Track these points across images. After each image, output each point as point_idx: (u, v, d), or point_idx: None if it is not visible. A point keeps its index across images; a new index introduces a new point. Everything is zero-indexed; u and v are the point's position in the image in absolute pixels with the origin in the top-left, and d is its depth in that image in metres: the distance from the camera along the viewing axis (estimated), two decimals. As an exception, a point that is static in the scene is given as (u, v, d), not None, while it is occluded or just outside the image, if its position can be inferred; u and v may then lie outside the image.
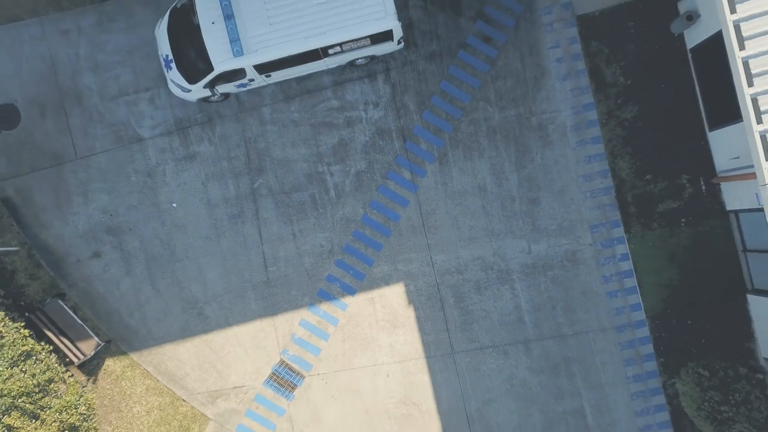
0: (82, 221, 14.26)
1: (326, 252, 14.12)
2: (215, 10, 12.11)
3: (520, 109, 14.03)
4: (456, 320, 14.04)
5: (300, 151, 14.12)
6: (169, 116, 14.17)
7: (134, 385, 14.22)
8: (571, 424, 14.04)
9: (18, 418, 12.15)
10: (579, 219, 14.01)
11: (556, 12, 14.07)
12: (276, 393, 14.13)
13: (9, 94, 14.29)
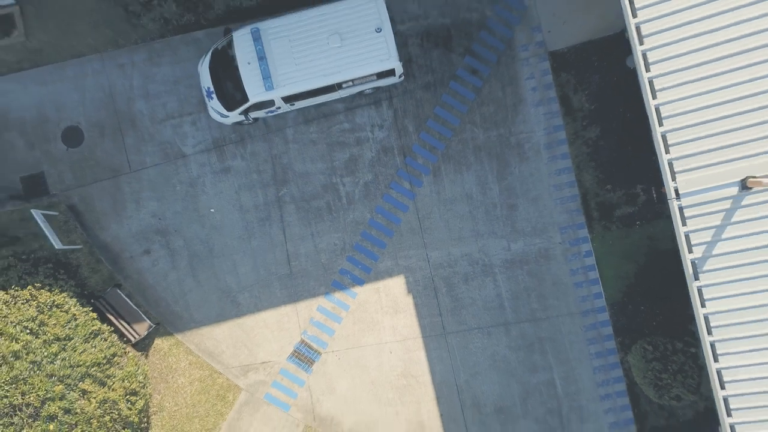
0: (134, 224, 17.23)
1: (339, 249, 17.06)
2: (251, 53, 15.05)
3: (501, 130, 16.95)
4: (447, 306, 16.98)
5: (317, 165, 17.06)
6: (208, 136, 17.12)
7: (179, 360, 17.19)
8: (543, 393, 16.96)
9: (90, 384, 15.13)
10: (550, 222, 16.92)
11: (531, 49, 16.97)
12: (297, 367, 17.09)
13: (74, 118, 17.27)
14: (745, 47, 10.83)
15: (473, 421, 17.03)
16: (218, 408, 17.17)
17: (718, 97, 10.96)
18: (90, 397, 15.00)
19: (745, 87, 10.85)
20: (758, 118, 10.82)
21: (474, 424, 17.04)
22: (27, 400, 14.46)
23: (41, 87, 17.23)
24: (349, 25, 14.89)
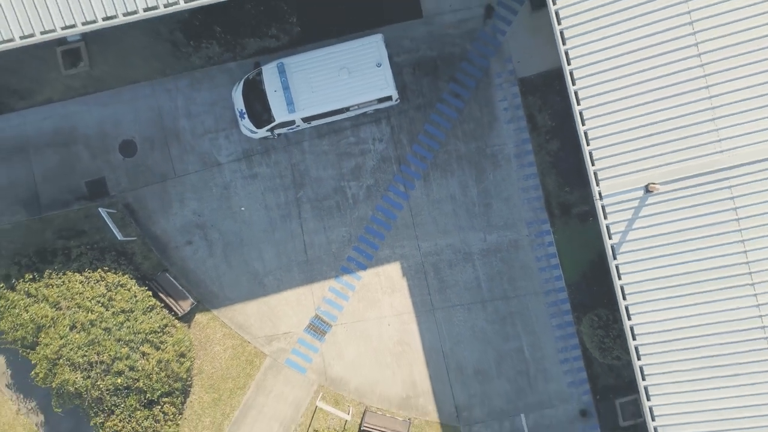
0: (179, 220, 21.33)
1: (346, 240, 21.14)
2: (277, 83, 19.15)
3: (479, 143, 21.02)
4: (435, 287, 21.04)
5: (328, 171, 21.14)
6: (239, 148, 21.21)
7: (215, 331, 21.28)
8: (514, 358, 21.01)
9: (148, 347, 19.23)
10: (519, 218, 20.98)
11: (504, 76, 21.04)
12: (312, 337, 21.18)
13: (129, 133, 21.37)
14: (649, 88, 14.88)
15: (456, 381, 21.10)
16: (247, 371, 21.26)
17: (628, 125, 15.02)
18: (148, 358, 19.10)
19: (648, 117, 14.91)
20: (657, 140, 14.86)
21: (457, 383, 21.11)
22: (101, 358, 18.59)
23: (102, 108, 21.32)
24: (355, 61, 18.99)
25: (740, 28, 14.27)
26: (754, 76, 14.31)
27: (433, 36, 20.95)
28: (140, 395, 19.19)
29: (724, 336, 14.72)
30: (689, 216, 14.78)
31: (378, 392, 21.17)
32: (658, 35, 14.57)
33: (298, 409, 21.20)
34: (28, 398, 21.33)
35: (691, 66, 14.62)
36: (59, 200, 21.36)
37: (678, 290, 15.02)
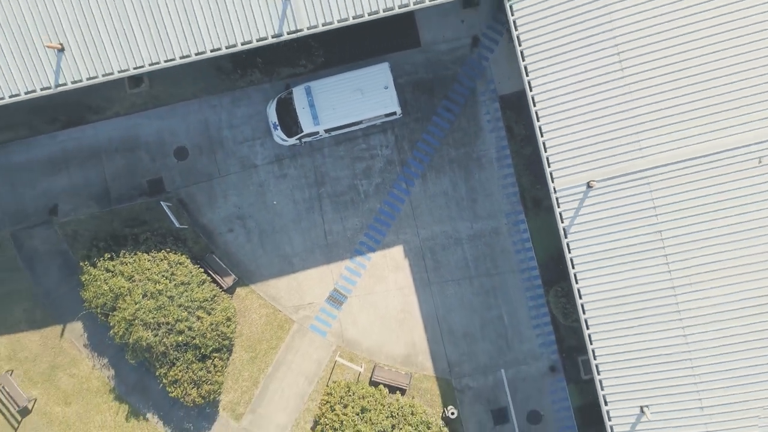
0: (222, 211, 26.58)
1: (359, 228, 26.38)
2: (305, 102, 24.41)
3: (467, 149, 26.24)
4: (431, 266, 26.27)
5: (344, 172, 26.38)
6: (272, 153, 26.47)
7: (252, 302, 26.53)
8: (495, 324, 26.23)
9: (202, 312, 24.49)
10: (499, 210, 26.19)
11: (487, 94, 26.25)
12: (331, 307, 26.42)
13: (181, 141, 26.63)
14: (589, 110, 20.07)
15: (448, 342, 26.33)
16: (278, 334, 26.53)
17: (575, 137, 20.22)
18: (202, 320, 24.36)
19: (589, 131, 20.11)
20: (595, 148, 20.07)
21: (449, 344, 26.33)
22: (166, 320, 23.86)
23: (160, 120, 26.61)
24: (367, 84, 24.25)
25: (657, 60, 19.44)
26: (668, 98, 19.49)
27: (429, 61, 26.19)
28: (196, 351, 24.45)
29: (644, 295, 19.91)
30: (619, 205, 19.99)
31: (385, 351, 26.44)
32: (593, 71, 19.76)
33: (320, 365, 26.48)
34: (101, 357, 26.65)
35: (619, 94, 19.82)
36: (125, 196, 26.65)
37: (611, 261, 20.23)
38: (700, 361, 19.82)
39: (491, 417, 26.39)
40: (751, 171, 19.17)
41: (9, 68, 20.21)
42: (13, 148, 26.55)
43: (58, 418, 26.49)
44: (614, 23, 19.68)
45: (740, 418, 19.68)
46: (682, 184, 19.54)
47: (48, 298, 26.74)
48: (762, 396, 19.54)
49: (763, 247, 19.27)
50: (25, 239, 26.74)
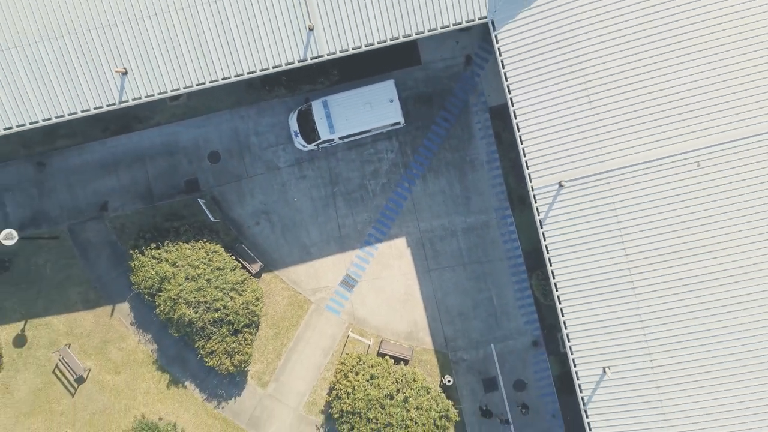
0: (250, 207, 31.10)
1: (368, 222, 30.87)
2: (322, 113, 28.93)
3: (462, 153, 30.72)
4: (430, 254, 30.76)
5: (355, 173, 30.87)
6: (293, 157, 30.97)
7: (275, 286, 31.05)
8: (486, 304, 30.70)
9: (234, 293, 28.99)
10: (490, 206, 30.67)
11: (478, 106, 30.73)
12: (344, 289, 30.93)
13: (214, 146, 31.14)
14: (559, 122, 24.51)
15: (445, 321, 30.81)
16: (299, 313, 31.03)
17: (549, 144, 24.67)
18: (235, 300, 28.88)
19: (560, 139, 24.56)
20: (565, 153, 24.53)
21: (446, 322, 30.81)
22: (204, 299, 28.37)
23: (196, 129, 31.11)
24: (375, 98, 28.75)
25: (615, 82, 23.89)
26: (623, 114, 23.95)
27: (428, 77, 30.67)
28: (229, 326, 28.97)
29: (606, 275, 24.39)
30: (585, 201, 24.44)
31: (390, 328, 30.95)
32: (563, 90, 24.23)
33: (334, 340, 31.00)
34: (145, 333, 31.18)
35: (584, 109, 24.28)
36: (166, 194, 31.17)
37: (579, 248, 24.68)
38: (650, 329, 24.26)
39: (482, 385, 30.89)
40: (692, 173, 23.64)
41: (82, 88, 24.74)
42: (70, 153, 31.10)
43: (109, 386, 31.05)
44: (581, 52, 24.14)
45: (685, 375, 24.14)
46: (635, 183, 24.01)
47: (99, 283, 31.29)
48: (703, 356, 23.99)
49: (700, 234, 23.70)
50: (79, 232, 31.29)
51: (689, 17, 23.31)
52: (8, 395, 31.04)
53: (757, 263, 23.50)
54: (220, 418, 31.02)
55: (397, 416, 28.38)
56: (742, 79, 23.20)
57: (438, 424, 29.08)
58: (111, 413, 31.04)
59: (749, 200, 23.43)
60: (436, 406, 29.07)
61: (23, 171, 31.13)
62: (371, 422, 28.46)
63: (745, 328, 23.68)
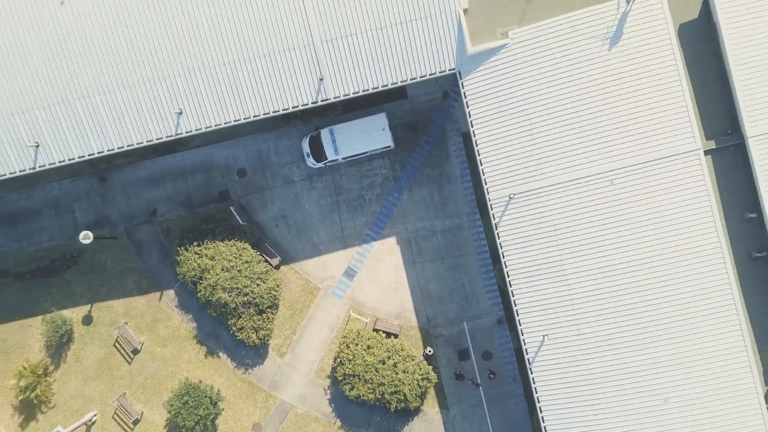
0: (270, 213, 39.59)
1: (365, 224, 39.35)
2: (329, 139, 37.47)
3: (440, 170, 39.18)
4: (415, 250, 39.26)
5: (355, 185, 39.35)
6: (305, 172, 39.47)
7: (291, 276, 39.54)
8: (459, 290, 39.16)
9: (260, 281, 37.48)
10: (462, 211, 39.12)
11: (454, 131, 39.20)
12: (346, 279, 39.41)
13: (242, 164, 39.64)
14: (506, 147, 32.92)
15: (427, 304, 39.27)
16: (310, 298, 39.51)
17: (502, 164, 33.09)
18: (260, 287, 37.33)
19: (507, 161, 32.97)
20: (513, 171, 32.92)
21: (427, 305, 39.27)
22: (236, 286, 36.85)
23: (227, 150, 39.59)
24: (370, 127, 37.27)
25: (550, 117, 32.30)
26: (556, 142, 32.33)
27: (413, 109, 39.08)
28: (255, 307, 37.41)
29: (544, 265, 32.77)
30: (528, 209, 32.83)
31: (383, 309, 39.39)
32: (513, 124, 32.64)
33: (338, 319, 39.44)
34: (187, 313, 39.64)
35: (527, 138, 32.66)
36: (203, 202, 39.63)
37: (523, 245, 33.05)
38: (577, 305, 32.63)
39: (457, 355, 39.30)
40: (607, 188, 32.05)
41: (148, 124, 33.21)
42: (126, 169, 39.60)
43: (158, 356, 39.53)
44: (525, 96, 32.56)
45: (603, 339, 32.49)
46: (565, 195, 32.40)
47: (150, 273, 39.76)
48: (615, 325, 32.36)
49: (614, 234, 32.08)
50: (134, 233, 39.78)
51: (601, 78, 31.76)
52: (78, 363, 39.53)
53: (655, 253, 31.90)
54: (246, 382, 39.49)
55: (388, 378, 36.82)
56: (637, 121, 31.66)
57: (420, 384, 37.53)
58: (160, 378, 39.53)
59: (650, 207, 31.82)
60: (420, 371, 37.51)
61: (89, 184, 39.64)
62: (368, 383, 36.91)
63: (646, 304, 32.08)
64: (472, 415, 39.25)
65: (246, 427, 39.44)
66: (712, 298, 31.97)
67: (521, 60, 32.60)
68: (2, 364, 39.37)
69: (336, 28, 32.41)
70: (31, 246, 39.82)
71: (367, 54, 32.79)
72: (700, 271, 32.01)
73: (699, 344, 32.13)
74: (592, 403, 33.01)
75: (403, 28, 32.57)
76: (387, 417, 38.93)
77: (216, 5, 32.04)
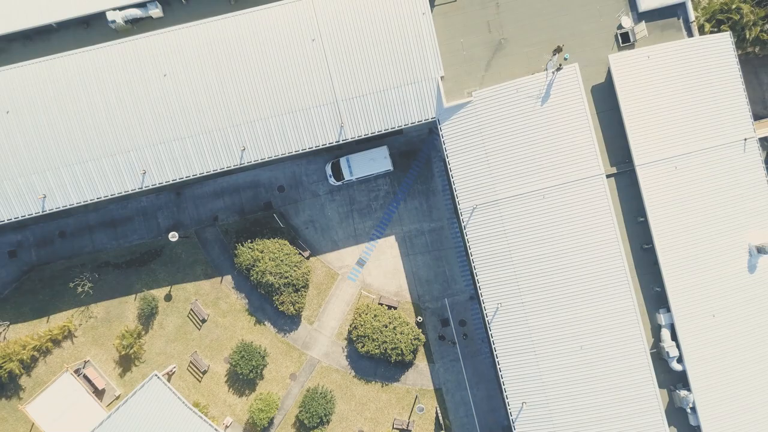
0: (302, 218, 55.03)
1: (372, 226, 54.75)
2: (346, 165, 52.90)
3: (427, 185, 54.57)
4: (409, 245, 54.62)
5: (364, 198, 54.75)
6: (327, 188, 54.89)
7: (318, 264, 54.97)
8: (442, 275, 54.52)
9: (296, 268, 52.82)
10: (443, 216, 54.49)
11: (437, 157, 54.59)
12: (358, 266, 54.82)
13: (281, 182, 55.08)
14: (474, 174, 48.15)
15: (418, 285, 54.63)
16: (331, 280, 54.88)
17: (469, 183, 48.29)
18: (296, 272, 52.68)
19: (471, 183, 48.22)
20: (479, 189, 48.15)
21: (418, 285, 54.65)
22: (280, 271, 52.20)
23: (270, 171, 54.99)
24: (376, 156, 52.78)
25: (500, 153, 47.57)
26: (500, 167, 47.56)
27: (407, 141, 54.43)
28: (293, 287, 52.73)
29: (498, 258, 47.93)
30: (488, 217, 48.06)
31: (386, 289, 54.73)
32: (476, 158, 47.89)
33: (352, 296, 54.81)
34: (241, 293, 54.98)
35: (484, 166, 47.86)
36: (252, 210, 55.01)
37: (485, 242, 48.26)
38: (522, 284, 47.80)
39: (440, 322, 54.58)
40: (540, 201, 47.24)
41: (221, 155, 48.50)
42: (196, 186, 54.96)
43: (220, 324, 54.81)
44: (484, 137, 47.82)
45: (539, 307, 47.73)
46: (512, 206, 47.62)
47: (213, 263, 55.06)
48: (547, 297, 47.55)
49: (546, 233, 47.29)
50: (201, 233, 55.10)
51: (535, 124, 47.03)
52: (162, 329, 54.81)
53: (574, 246, 47.10)
54: (285, 343, 54.74)
55: (389, 338, 52.08)
56: (560, 154, 46.90)
57: (413, 343, 52.82)
58: (221, 340, 54.80)
59: (570, 214, 47.03)
60: (412, 333, 52.80)
61: (168, 197, 55.00)
62: (374, 341, 52.19)
63: (568, 281, 47.29)
64: (451, 367, 54.44)
65: (284, 376, 54.68)
66: (613, 276, 47.21)
67: (481, 111, 47.89)
68: (107, 330, 54.66)
69: (352, 91, 47.77)
70: (126, 243, 55.13)
71: (374, 108, 48.14)
72: (606, 257, 47.26)
73: (604, 307, 47.35)
74: (532, 351, 48.20)
75: (399, 90, 47.93)
76: (388, 368, 54.21)
77: (275, 77, 47.41)
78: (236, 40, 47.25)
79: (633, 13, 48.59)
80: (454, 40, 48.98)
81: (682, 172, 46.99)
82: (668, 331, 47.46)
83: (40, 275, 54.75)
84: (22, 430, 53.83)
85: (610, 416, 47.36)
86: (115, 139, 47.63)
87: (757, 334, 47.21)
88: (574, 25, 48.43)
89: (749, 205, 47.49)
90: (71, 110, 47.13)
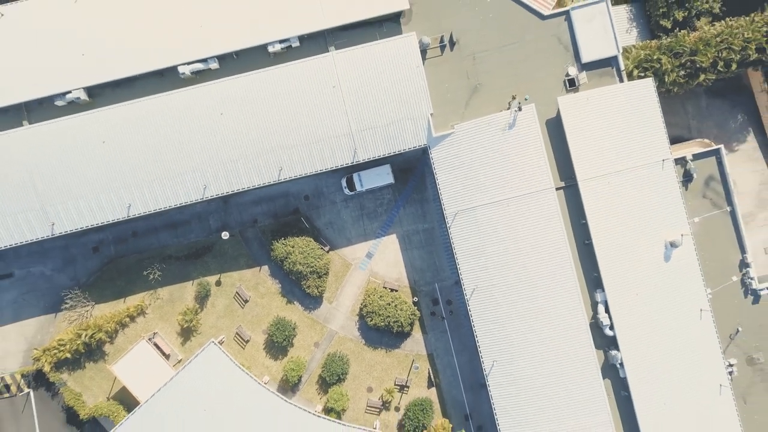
0: (323, 221, 71.35)
1: (377, 227, 71.04)
2: (357, 179, 69.13)
3: (422, 195, 70.82)
4: (407, 242, 70.93)
5: (371, 204, 71.03)
6: (342, 197, 71.15)
7: (335, 257, 71.33)
8: (434, 265, 70.79)
9: (319, 260, 69.06)
10: (435, 219, 70.73)
11: (429, 174, 70.71)
12: (367, 258, 71.14)
13: (306, 192, 71.41)
14: (459, 189, 64.17)
15: (415, 271, 70.99)
16: (346, 269, 71.22)
17: (454, 195, 64.37)
18: (319, 262, 68.87)
19: (453, 190, 64.33)
20: (459, 197, 64.22)
21: (414, 273, 71.01)
22: (307, 261, 68.45)
23: (297, 185, 71.25)
24: (381, 172, 69.06)
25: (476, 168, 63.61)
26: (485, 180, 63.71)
27: (405, 160, 70.68)
28: (317, 274, 69.01)
29: (475, 250, 64.03)
30: (467, 221, 64.07)
31: (389, 276, 71.11)
32: (457, 175, 63.90)
33: (363, 281, 71.16)
34: (275, 278, 71.35)
35: (462, 181, 63.92)
36: (284, 215, 71.24)
37: (464, 239, 64.27)
38: (491, 270, 63.87)
39: (432, 302, 70.90)
40: (506, 209, 63.39)
41: (262, 173, 64.60)
42: (239, 195, 71.10)
43: (260, 304, 71.08)
44: (464, 160, 64.01)
45: (507, 288, 63.90)
46: (486, 213, 63.75)
47: (254, 256, 71.29)
48: (508, 278, 63.71)
49: (511, 234, 63.35)
50: (244, 233, 71.32)
51: (504, 150, 63.14)
52: (213, 308, 71.10)
53: (532, 243, 63.19)
54: (309, 318, 70.99)
55: (392, 313, 68.40)
56: (522, 172, 63.07)
57: (410, 317, 69.15)
58: (260, 316, 71.08)
59: (529, 219, 63.09)
60: (409, 310, 69.18)
61: (217, 204, 71.23)
62: (380, 316, 68.51)
63: (528, 269, 63.31)
64: (440, 337, 70.71)
65: (310, 344, 70.95)
66: (561, 264, 63.31)
67: (462, 139, 63.95)
68: (170, 308, 70.89)
69: (363, 124, 63.88)
70: (184, 241, 71.28)
71: (380, 137, 64.27)
72: (556, 250, 63.36)
73: (555, 288, 63.46)
74: (500, 322, 64.38)
75: (399, 123, 64.05)
76: (391, 337, 70.53)
77: (305, 114, 63.53)
78: (276, 86, 63.35)
79: (578, 64, 64.59)
80: (440, 85, 65.06)
81: (614, 186, 63.09)
82: (603, 306, 63.63)
83: (118, 266, 71.08)
84: (106, 386, 70.24)
85: (559, 371, 63.63)
86: (183, 162, 63.81)
87: (670, 308, 63.45)
88: (532, 73, 64.47)
89: (665, 211, 63.66)
90: (151, 140, 63.31)
